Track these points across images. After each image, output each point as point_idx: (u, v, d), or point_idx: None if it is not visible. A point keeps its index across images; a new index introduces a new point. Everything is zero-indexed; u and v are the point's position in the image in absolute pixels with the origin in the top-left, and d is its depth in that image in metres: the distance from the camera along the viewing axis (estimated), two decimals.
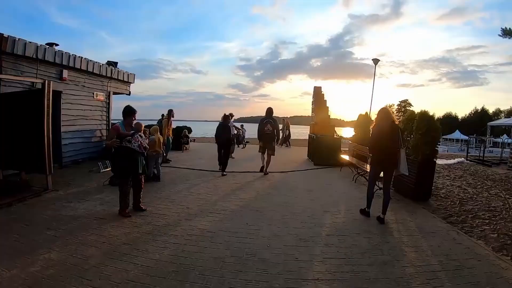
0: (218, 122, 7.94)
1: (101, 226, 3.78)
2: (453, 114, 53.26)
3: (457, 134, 34.57)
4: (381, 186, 5.51)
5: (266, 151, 7.30)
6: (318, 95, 10.84)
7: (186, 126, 13.01)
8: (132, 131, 4.21)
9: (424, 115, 5.38)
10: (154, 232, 3.62)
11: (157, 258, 3.00)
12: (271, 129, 7.12)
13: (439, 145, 25.10)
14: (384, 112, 4.24)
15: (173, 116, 9.18)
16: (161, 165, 6.84)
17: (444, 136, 35.70)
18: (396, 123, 4.17)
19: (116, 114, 9.71)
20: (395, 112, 56.87)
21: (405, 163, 4.16)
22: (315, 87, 11.06)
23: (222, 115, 7.78)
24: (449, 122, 45.32)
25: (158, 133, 6.46)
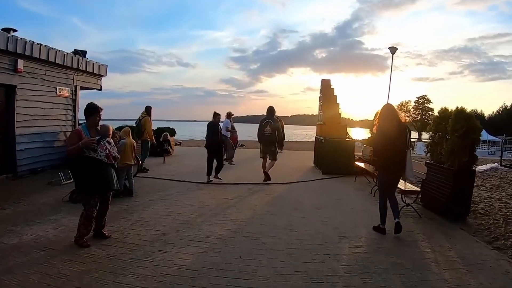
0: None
1: (50, 260, 3.26)
2: (478, 111, 51.51)
3: (484, 135, 34.19)
4: (407, 201, 5.16)
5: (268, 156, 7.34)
6: (326, 89, 10.37)
7: (168, 127, 12.45)
8: (98, 137, 3.71)
9: (460, 113, 4.94)
10: (117, 270, 3.09)
11: None
12: (270, 131, 7.09)
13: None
14: (389, 110, 4.21)
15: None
16: (135, 175, 6.33)
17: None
18: (403, 121, 4.20)
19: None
20: (411, 110, 56.73)
21: (411, 167, 4.17)
22: (323, 80, 10.59)
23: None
24: None
25: (130, 136, 5.95)
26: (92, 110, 3.83)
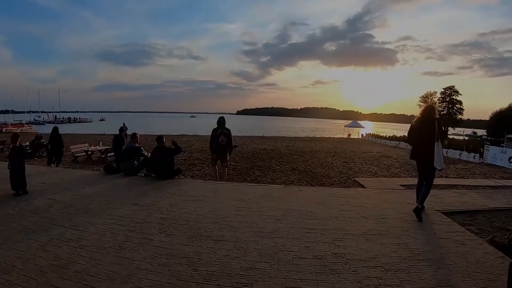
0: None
1: None
2: None
3: None
4: None
5: (219, 163, 7.99)
6: None
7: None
8: None
9: None
10: None
11: None
12: (225, 140, 7.68)
13: (503, 145, 22.36)
14: (427, 107, 5.15)
15: None
16: None
17: (510, 135, 32.60)
18: (436, 117, 4.93)
19: None
20: (437, 102, 54.33)
21: (439, 158, 4.66)
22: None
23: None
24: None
25: None
26: None
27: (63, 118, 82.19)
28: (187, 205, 5.10)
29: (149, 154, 7.77)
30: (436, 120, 4.84)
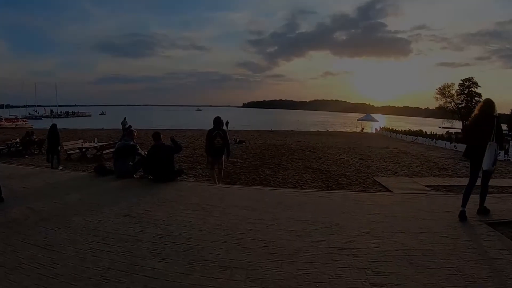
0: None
1: None
2: None
3: None
4: None
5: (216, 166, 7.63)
6: None
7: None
8: None
9: None
10: None
11: None
12: (221, 142, 7.42)
13: None
14: (485, 103, 4.82)
15: None
16: None
17: None
18: (494, 114, 4.68)
19: None
20: (455, 95, 53.03)
21: (489, 159, 4.46)
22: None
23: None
24: None
25: None
26: None
27: (60, 112, 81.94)
28: (187, 217, 4.45)
29: (146, 153, 7.17)
30: (496, 118, 4.61)
